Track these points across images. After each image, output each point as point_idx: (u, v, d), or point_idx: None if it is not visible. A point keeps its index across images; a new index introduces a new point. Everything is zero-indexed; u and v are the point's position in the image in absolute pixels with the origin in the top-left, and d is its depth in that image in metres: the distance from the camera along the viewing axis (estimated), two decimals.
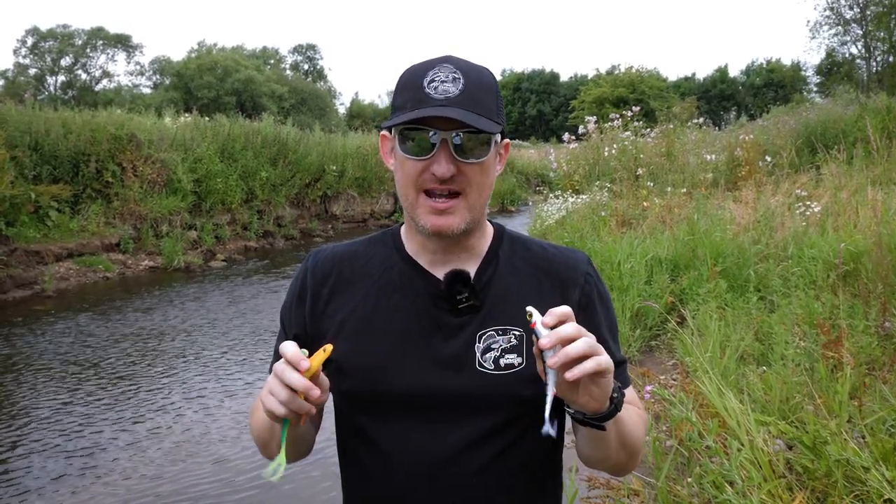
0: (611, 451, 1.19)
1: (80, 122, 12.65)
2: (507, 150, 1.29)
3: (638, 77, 52.90)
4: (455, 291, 1.20)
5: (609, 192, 10.82)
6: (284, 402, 1.03)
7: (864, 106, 13.92)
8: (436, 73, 1.15)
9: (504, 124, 1.22)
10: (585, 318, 1.25)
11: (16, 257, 10.18)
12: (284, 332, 1.33)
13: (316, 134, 19.35)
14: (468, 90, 1.14)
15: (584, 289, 1.28)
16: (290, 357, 1.03)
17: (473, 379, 1.19)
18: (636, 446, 1.24)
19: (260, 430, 1.28)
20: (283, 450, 1.06)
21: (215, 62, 47.77)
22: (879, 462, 2.52)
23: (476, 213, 1.20)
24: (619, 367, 1.28)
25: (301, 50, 68.96)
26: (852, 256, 5.19)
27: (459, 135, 1.13)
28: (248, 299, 9.73)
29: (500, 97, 1.22)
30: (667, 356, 5.24)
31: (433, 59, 1.18)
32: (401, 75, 1.20)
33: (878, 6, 27.31)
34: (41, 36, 49.44)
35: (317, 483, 4.15)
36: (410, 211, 1.21)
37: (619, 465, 1.26)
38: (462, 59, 1.19)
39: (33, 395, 5.83)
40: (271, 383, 1.04)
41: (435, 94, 1.13)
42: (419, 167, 1.16)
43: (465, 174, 1.15)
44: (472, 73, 1.16)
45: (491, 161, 1.20)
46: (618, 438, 1.17)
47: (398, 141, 1.18)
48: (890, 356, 3.89)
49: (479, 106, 1.14)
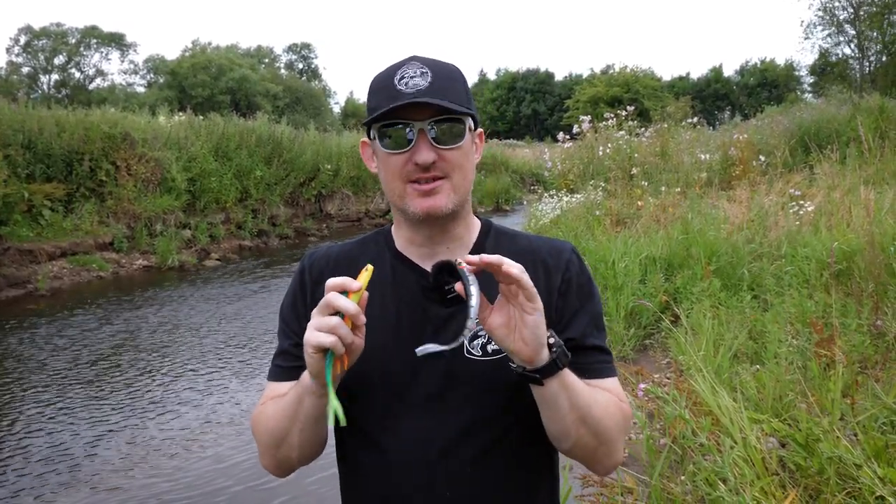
0: (567, 423, 1.17)
1: (74, 120, 12.60)
2: (482, 139, 1.34)
3: (632, 76, 53.07)
4: (443, 282, 1.21)
5: (603, 192, 10.83)
6: (333, 328, 1.04)
7: (857, 106, 13.98)
8: (404, 70, 1.20)
9: (476, 113, 1.26)
10: (564, 303, 1.29)
11: (9, 256, 10.14)
12: (286, 329, 1.34)
13: (310, 133, 19.33)
14: (437, 82, 1.19)
15: (564, 275, 1.30)
16: (339, 282, 1.06)
17: (462, 366, 1.22)
18: (603, 430, 1.20)
19: (279, 418, 1.24)
20: (332, 392, 1.05)
21: (209, 61, 47.67)
22: (871, 459, 2.54)
23: (461, 195, 1.23)
24: (599, 353, 1.30)
25: (296, 49, 68.84)
26: (845, 255, 5.21)
27: (435, 125, 1.18)
28: (243, 298, 9.72)
29: (469, 88, 1.27)
30: (661, 355, 5.26)
31: (400, 61, 1.23)
32: (371, 81, 1.25)
33: (871, 6, 27.43)
34: (34, 34, 49.27)
35: (317, 479, 4.15)
36: (399, 203, 1.23)
37: (587, 448, 1.22)
38: (428, 57, 1.24)
39: (26, 394, 5.81)
40: (315, 319, 1.06)
41: (406, 89, 1.17)
42: (401, 160, 1.20)
43: (446, 159, 1.20)
44: (439, 67, 1.22)
45: (468, 146, 1.24)
46: (572, 409, 1.15)
47: (378, 141, 1.22)
48: (882, 354, 3.91)
49: (448, 94, 1.19)
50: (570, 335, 1.26)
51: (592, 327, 1.30)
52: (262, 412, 1.31)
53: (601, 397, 1.23)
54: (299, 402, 1.18)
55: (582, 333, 1.28)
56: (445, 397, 1.22)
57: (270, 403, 1.29)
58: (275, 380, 1.33)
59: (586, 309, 1.30)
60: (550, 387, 1.12)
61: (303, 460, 1.29)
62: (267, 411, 1.29)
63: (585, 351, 1.28)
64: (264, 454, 1.31)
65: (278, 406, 1.24)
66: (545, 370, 1.10)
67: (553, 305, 1.27)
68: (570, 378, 1.14)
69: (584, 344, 1.28)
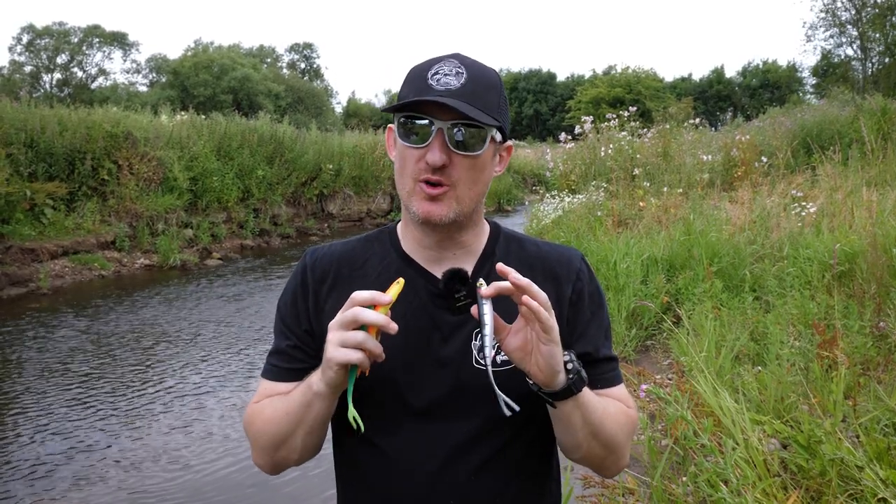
0: (578, 438, 1.18)
1: (76, 119, 12.60)
2: (510, 153, 1.29)
3: (634, 77, 53.03)
4: (453, 290, 1.20)
5: (605, 192, 10.83)
6: (360, 344, 1.03)
7: (859, 107, 13.95)
8: (440, 66, 1.17)
9: (506, 125, 1.22)
10: (574, 313, 1.27)
11: (11, 255, 10.15)
12: (285, 328, 1.31)
13: (312, 133, 19.33)
14: (469, 85, 1.15)
15: (575, 285, 1.29)
16: (367, 296, 1.05)
17: (470, 376, 1.20)
18: (613, 441, 1.22)
19: (281, 422, 1.21)
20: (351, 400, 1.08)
21: (212, 60, 47.65)
22: (873, 461, 2.53)
23: (464, 207, 1.20)
24: (609, 363, 1.30)
25: (298, 48, 68.81)
26: (847, 257, 5.20)
27: (459, 127, 1.14)
28: (244, 297, 9.72)
29: (505, 98, 1.22)
30: (662, 356, 5.26)
31: (442, 55, 1.20)
32: (409, 70, 1.22)
33: (873, 8, 27.40)
34: (37, 33, 49.28)
35: (314, 484, 4.15)
36: (406, 200, 1.21)
37: (595, 458, 1.25)
38: (469, 57, 1.20)
39: (28, 392, 5.81)
40: (338, 335, 1.05)
41: (436, 86, 1.14)
42: (415, 155, 1.17)
43: (457, 166, 1.16)
44: (476, 69, 1.18)
45: (486, 158, 1.20)
46: (585, 426, 1.17)
47: (399, 130, 1.19)
48: (884, 356, 3.90)
49: (478, 100, 1.14)
50: (585, 349, 1.26)
51: (604, 338, 1.30)
52: (257, 412, 1.28)
53: (612, 409, 1.23)
54: (307, 406, 1.16)
55: (596, 347, 1.28)
56: (451, 405, 1.21)
57: (267, 404, 1.26)
58: (271, 379, 1.30)
59: (598, 318, 1.30)
60: (564, 407, 1.13)
61: (300, 461, 1.28)
62: (265, 413, 1.25)
63: (598, 363, 1.28)
64: (260, 454, 1.28)
65: (280, 409, 1.22)
66: (560, 395, 1.11)
67: (563, 315, 1.26)
68: (584, 398, 1.14)
69: (597, 357, 1.28)
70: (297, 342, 1.29)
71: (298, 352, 1.29)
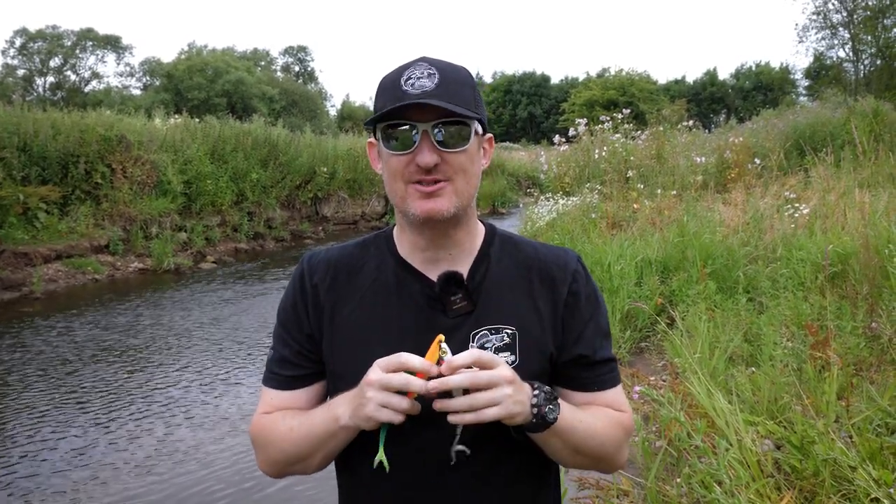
0: (561, 456, 1.22)
1: (70, 123, 12.57)
2: (492, 145, 1.31)
3: (628, 80, 53.13)
4: (449, 293, 1.20)
5: (599, 195, 10.85)
6: (406, 410, 1.08)
7: (851, 109, 14.04)
8: (411, 71, 1.17)
9: (484, 117, 1.23)
10: (570, 315, 1.27)
11: (4, 259, 10.11)
12: (286, 334, 1.31)
13: (307, 136, 19.31)
14: (443, 84, 1.15)
15: (571, 287, 1.29)
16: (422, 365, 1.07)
17: None
18: (599, 453, 1.24)
19: (300, 444, 1.23)
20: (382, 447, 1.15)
21: (205, 63, 47.59)
22: (866, 461, 2.55)
23: (463, 199, 1.20)
24: (607, 365, 1.30)
25: (292, 52, 68.77)
26: (840, 258, 5.23)
27: (440, 127, 1.15)
28: (238, 301, 9.70)
29: (478, 92, 1.23)
30: (656, 357, 5.27)
31: (409, 62, 1.20)
32: (379, 81, 1.22)
33: (864, 11, 27.55)
34: (30, 37, 49.11)
35: (315, 490, 4.14)
36: (401, 204, 1.20)
37: (584, 466, 1.28)
38: (437, 59, 1.21)
39: (21, 397, 5.78)
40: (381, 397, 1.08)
41: (412, 90, 1.15)
42: (404, 161, 1.17)
43: (449, 162, 1.17)
44: (447, 69, 1.18)
45: (473, 150, 1.21)
46: (566, 447, 1.19)
47: (382, 141, 1.20)
48: (877, 357, 3.92)
49: (455, 97, 1.15)
50: (581, 351, 1.26)
51: (602, 339, 1.30)
52: (269, 426, 1.27)
53: (601, 424, 1.24)
54: (331, 436, 1.19)
55: (593, 349, 1.28)
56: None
57: (280, 419, 1.26)
58: (274, 388, 1.30)
59: (595, 320, 1.30)
60: (537, 437, 1.16)
61: (311, 474, 1.31)
62: (278, 428, 1.25)
63: (595, 365, 1.28)
64: (270, 465, 1.29)
65: (298, 430, 1.22)
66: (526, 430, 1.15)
67: (559, 317, 1.26)
68: (561, 425, 1.15)
69: (594, 360, 1.28)
70: (299, 348, 1.29)
71: (301, 358, 1.29)
